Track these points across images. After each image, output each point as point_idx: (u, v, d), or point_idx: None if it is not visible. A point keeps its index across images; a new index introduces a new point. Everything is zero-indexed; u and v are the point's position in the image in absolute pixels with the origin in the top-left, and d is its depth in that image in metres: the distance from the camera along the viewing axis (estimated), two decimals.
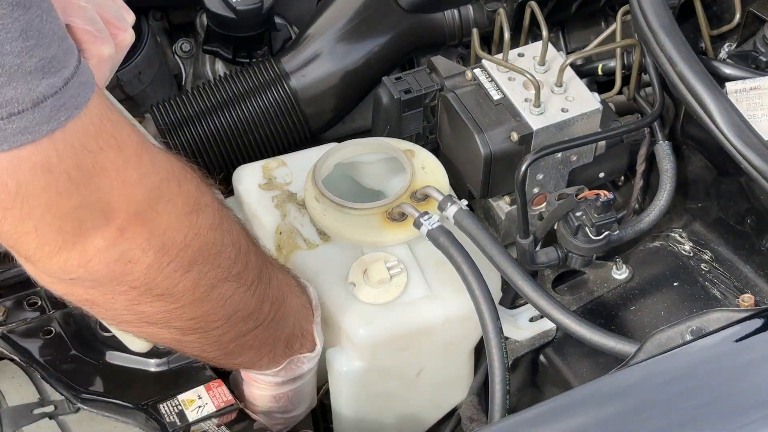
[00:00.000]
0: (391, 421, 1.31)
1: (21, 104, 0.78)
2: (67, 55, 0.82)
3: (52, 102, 0.80)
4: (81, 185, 0.84)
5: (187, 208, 0.94)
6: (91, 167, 0.84)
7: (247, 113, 1.46)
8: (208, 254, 0.97)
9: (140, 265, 0.91)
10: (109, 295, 0.93)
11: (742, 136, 1.14)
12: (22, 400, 1.22)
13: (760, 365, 0.92)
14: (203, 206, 0.97)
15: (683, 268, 1.33)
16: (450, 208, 1.20)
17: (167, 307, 0.97)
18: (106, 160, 0.85)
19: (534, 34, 1.45)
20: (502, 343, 1.12)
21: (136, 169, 0.88)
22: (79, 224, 0.86)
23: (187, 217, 0.94)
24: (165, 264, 0.93)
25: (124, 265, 0.90)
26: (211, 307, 1.01)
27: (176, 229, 0.93)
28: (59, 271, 0.89)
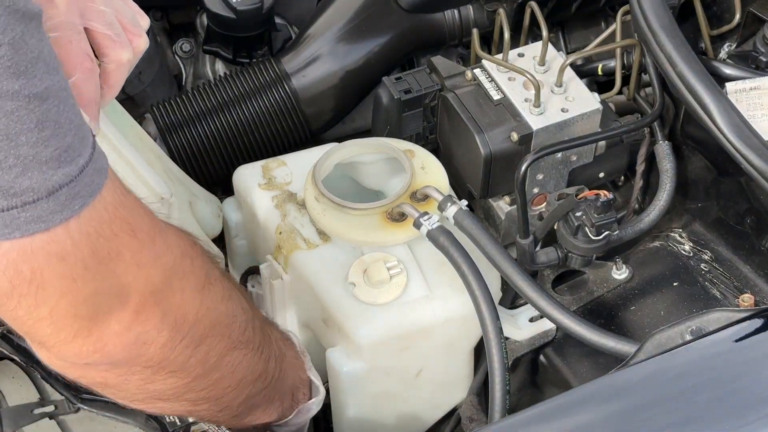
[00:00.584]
0: (391, 420, 1.30)
1: (36, 193, 0.79)
2: (83, 143, 0.82)
3: (67, 191, 0.80)
4: (97, 272, 0.84)
5: (200, 284, 0.95)
6: (107, 254, 0.84)
7: (247, 113, 1.46)
8: (219, 326, 0.98)
9: (155, 345, 0.91)
10: (123, 376, 0.93)
11: (742, 136, 1.14)
12: (22, 400, 1.22)
13: (760, 365, 0.92)
14: (213, 280, 0.97)
15: (683, 268, 1.33)
16: (450, 208, 1.20)
17: (179, 382, 0.97)
18: (120, 245, 0.85)
19: (534, 34, 1.45)
20: (502, 343, 1.12)
21: (151, 251, 0.88)
22: (95, 310, 0.85)
23: (199, 292, 0.95)
24: (178, 341, 0.93)
25: (140, 346, 0.90)
26: (222, 376, 1.01)
27: (189, 305, 0.93)
28: (74, 357, 0.88)
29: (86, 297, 0.84)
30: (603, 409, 0.90)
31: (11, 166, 0.77)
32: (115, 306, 0.87)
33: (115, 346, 0.88)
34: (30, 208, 0.79)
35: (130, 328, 0.88)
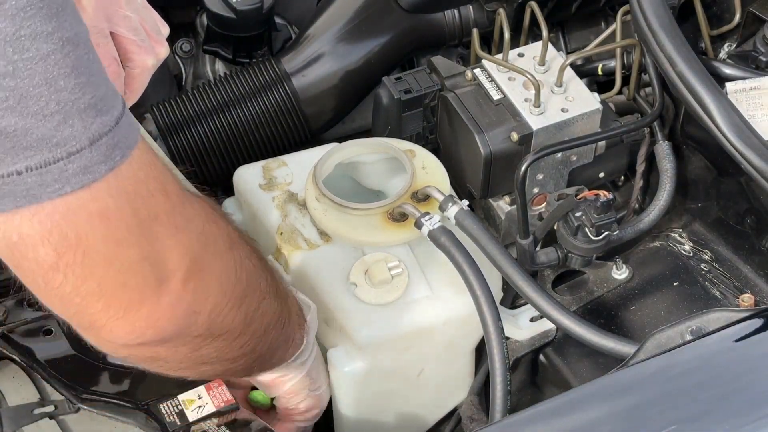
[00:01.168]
0: (392, 421, 1.30)
1: (79, 142, 0.76)
2: (115, 96, 0.80)
3: (107, 140, 0.78)
4: (139, 234, 0.81)
5: (229, 244, 0.93)
6: (146, 215, 0.82)
7: (247, 114, 1.46)
8: (252, 282, 0.97)
9: (204, 313, 0.89)
10: (173, 348, 0.91)
11: (742, 136, 1.14)
12: (22, 400, 1.22)
13: (761, 365, 0.92)
14: (236, 239, 0.96)
15: (683, 268, 1.33)
16: (451, 208, 1.20)
17: (223, 343, 0.96)
18: (157, 206, 0.83)
19: (534, 34, 1.45)
20: (503, 344, 1.12)
21: (182, 214, 0.86)
22: (143, 279, 0.83)
23: (230, 253, 0.93)
24: (224, 305, 0.92)
25: (191, 316, 0.88)
26: (255, 328, 1.00)
27: (227, 268, 0.92)
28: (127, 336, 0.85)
29: (133, 263, 0.81)
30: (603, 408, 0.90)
31: (53, 113, 0.74)
32: (163, 275, 0.84)
33: (169, 320, 0.86)
34: (76, 159, 0.76)
35: (181, 298, 0.86)
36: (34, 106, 0.74)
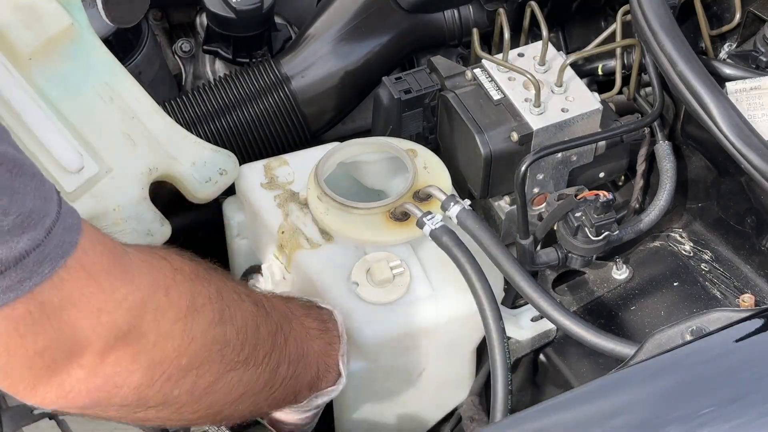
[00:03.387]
0: (393, 420, 1.30)
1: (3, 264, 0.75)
2: (47, 204, 0.79)
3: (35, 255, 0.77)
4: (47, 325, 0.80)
5: (180, 315, 0.90)
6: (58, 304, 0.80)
7: (247, 114, 1.46)
8: (207, 354, 0.94)
9: (127, 387, 0.87)
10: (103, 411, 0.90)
11: (742, 136, 1.14)
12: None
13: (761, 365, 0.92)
14: (199, 306, 0.93)
15: (683, 268, 1.33)
16: (453, 207, 1.20)
17: (164, 412, 0.93)
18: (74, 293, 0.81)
19: (534, 34, 1.45)
20: (505, 344, 1.12)
21: (112, 293, 0.84)
22: (51, 361, 0.82)
23: (180, 323, 0.90)
24: (156, 378, 0.89)
25: (110, 390, 0.86)
26: (216, 398, 0.97)
27: (167, 340, 0.89)
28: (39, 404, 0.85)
29: (37, 351, 0.80)
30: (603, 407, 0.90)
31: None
32: (75, 354, 0.83)
33: (80, 392, 0.85)
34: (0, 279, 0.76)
35: (96, 373, 0.84)
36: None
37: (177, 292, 0.91)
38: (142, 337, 0.87)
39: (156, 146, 1.28)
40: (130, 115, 1.28)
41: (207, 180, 1.29)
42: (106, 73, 1.28)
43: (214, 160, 1.30)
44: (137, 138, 1.28)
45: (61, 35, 1.24)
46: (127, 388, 0.87)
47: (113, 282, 0.84)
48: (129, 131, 1.28)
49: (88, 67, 1.27)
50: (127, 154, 1.26)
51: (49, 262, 0.78)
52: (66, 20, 1.24)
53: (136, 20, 1.39)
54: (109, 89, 1.28)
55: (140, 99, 1.30)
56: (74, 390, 0.84)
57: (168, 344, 0.89)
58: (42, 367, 0.82)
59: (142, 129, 1.28)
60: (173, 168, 1.28)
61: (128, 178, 1.25)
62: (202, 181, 1.29)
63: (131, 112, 1.28)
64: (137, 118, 1.28)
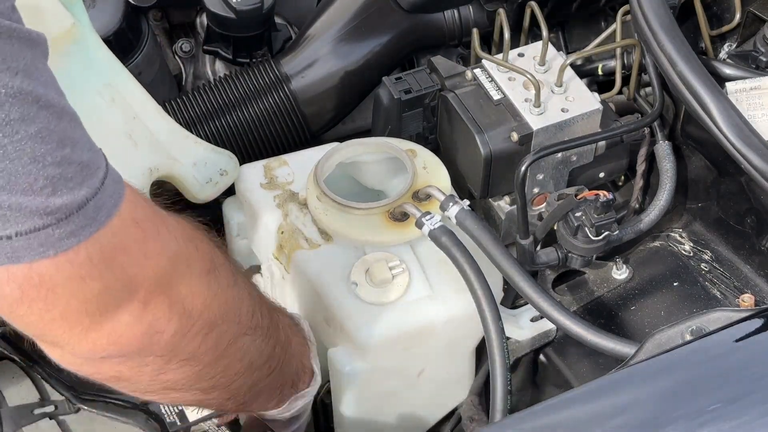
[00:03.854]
0: (392, 420, 1.30)
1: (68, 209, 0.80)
2: (98, 156, 0.84)
3: (93, 203, 0.82)
4: (104, 268, 0.84)
5: (205, 270, 0.95)
6: (113, 249, 0.85)
7: (247, 114, 1.46)
8: (227, 312, 0.98)
9: (166, 333, 0.91)
10: (137, 367, 0.93)
11: (742, 136, 1.14)
12: (22, 400, 1.22)
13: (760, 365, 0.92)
14: (218, 265, 0.98)
15: (683, 268, 1.33)
16: (452, 208, 1.20)
17: (191, 370, 0.97)
18: (127, 239, 0.86)
19: (534, 34, 1.45)
20: (504, 344, 1.12)
21: (156, 240, 0.89)
22: (106, 304, 0.86)
23: (205, 278, 0.95)
24: (188, 328, 0.93)
25: (152, 335, 0.90)
26: (230, 362, 1.01)
27: (197, 292, 0.94)
28: (89, 352, 0.89)
29: (96, 294, 0.85)
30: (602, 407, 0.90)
31: (42, 188, 0.78)
32: (125, 298, 0.87)
33: (128, 337, 0.88)
34: (64, 224, 0.80)
35: (141, 318, 0.88)
36: (23, 184, 0.77)
37: (203, 248, 0.96)
38: (177, 285, 0.91)
39: (157, 146, 1.29)
40: (132, 115, 1.28)
41: (207, 180, 1.30)
42: (107, 74, 1.28)
43: (214, 161, 1.30)
44: (138, 138, 1.28)
45: (62, 36, 1.24)
46: (166, 335, 0.91)
47: (155, 230, 0.90)
48: (130, 131, 1.28)
49: (90, 67, 1.27)
50: (128, 155, 1.26)
51: (105, 209, 0.83)
52: (68, 21, 1.24)
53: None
54: (111, 89, 1.28)
55: (142, 99, 1.30)
56: (124, 335, 0.88)
57: (197, 296, 0.94)
58: (96, 311, 0.86)
59: (143, 129, 1.28)
60: (174, 168, 1.29)
61: (129, 178, 1.24)
62: (203, 181, 1.29)
63: (132, 113, 1.28)
64: (138, 118, 1.28)
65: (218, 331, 0.97)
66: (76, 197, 0.80)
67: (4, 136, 0.76)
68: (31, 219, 0.78)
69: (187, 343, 0.94)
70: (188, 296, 0.93)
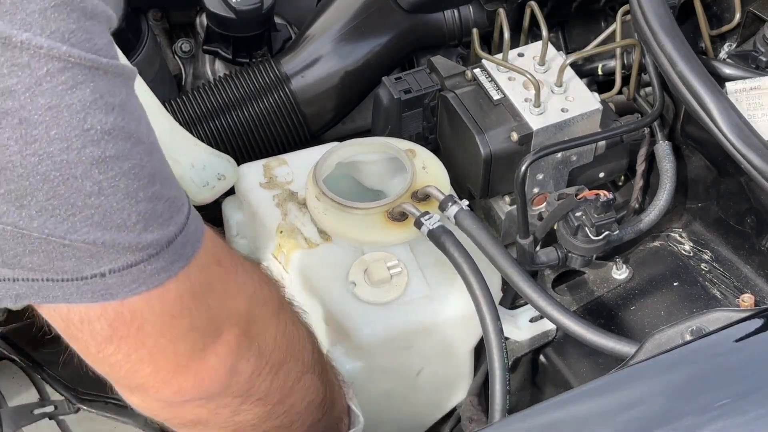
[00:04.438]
0: (391, 420, 1.30)
1: (158, 245, 0.80)
2: (182, 192, 0.85)
3: (181, 238, 0.82)
4: (193, 305, 0.85)
5: (276, 309, 0.96)
6: (201, 288, 0.85)
7: (247, 114, 1.46)
8: (294, 350, 0.99)
9: (244, 374, 0.92)
10: (215, 409, 0.93)
11: (742, 136, 1.14)
12: (22, 400, 1.22)
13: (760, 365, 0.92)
14: (284, 304, 0.99)
15: (683, 268, 1.33)
16: (451, 208, 1.20)
17: (262, 410, 0.97)
18: (211, 276, 0.87)
19: (534, 34, 1.45)
20: (503, 344, 1.12)
21: (235, 280, 0.90)
22: (193, 344, 0.86)
23: (276, 317, 0.96)
24: (263, 367, 0.94)
25: (233, 376, 0.91)
26: (295, 401, 1.01)
27: (270, 332, 0.94)
28: (173, 395, 0.89)
29: (184, 332, 0.85)
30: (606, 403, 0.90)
31: (135, 223, 0.78)
32: (210, 339, 0.88)
33: (212, 380, 0.89)
34: (155, 260, 0.80)
35: (225, 359, 0.89)
36: (117, 220, 0.78)
37: (272, 287, 0.98)
38: (254, 324, 0.92)
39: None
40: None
41: (205, 184, 1.29)
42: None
43: (213, 165, 1.30)
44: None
45: None
46: (244, 375, 0.92)
47: (234, 269, 0.91)
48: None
49: None
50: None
51: (191, 245, 0.84)
52: None
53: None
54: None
55: (144, 98, 1.29)
56: (207, 378, 0.88)
57: (270, 335, 0.94)
58: (183, 352, 0.86)
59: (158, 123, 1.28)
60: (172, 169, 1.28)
61: None
62: (200, 184, 1.29)
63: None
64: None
65: (287, 369, 0.97)
66: (166, 233, 0.81)
67: (100, 173, 0.76)
68: (124, 256, 0.79)
69: (261, 382, 0.94)
70: (263, 335, 0.93)
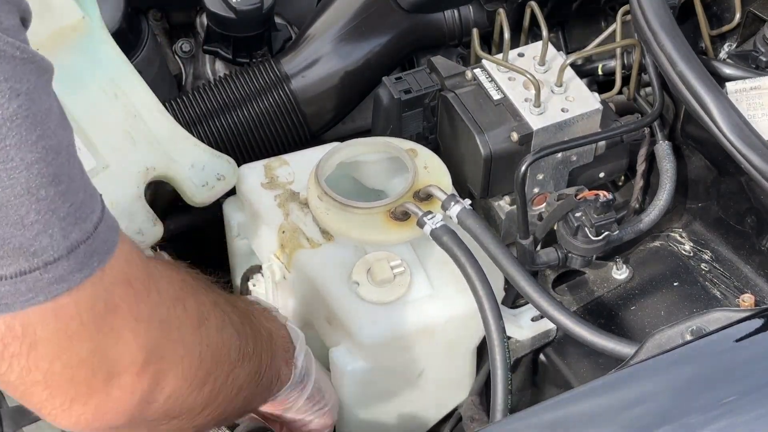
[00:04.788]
0: (393, 420, 1.30)
1: (57, 252, 0.76)
2: (93, 199, 0.80)
3: (85, 248, 0.77)
4: (93, 329, 0.79)
5: (196, 325, 0.91)
6: (104, 308, 0.80)
7: (247, 114, 1.46)
8: (219, 358, 0.94)
9: (159, 402, 0.86)
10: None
11: (742, 136, 1.14)
12: None
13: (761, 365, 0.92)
14: (207, 315, 0.93)
15: (683, 268, 1.33)
16: (453, 207, 1.20)
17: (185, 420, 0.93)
18: (118, 298, 0.81)
19: (534, 34, 1.45)
20: (505, 343, 1.12)
21: (146, 302, 0.84)
22: (93, 373, 0.80)
23: (195, 335, 0.91)
24: (185, 389, 0.89)
25: (144, 406, 0.85)
26: (224, 397, 0.97)
27: (190, 351, 0.89)
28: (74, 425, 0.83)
29: (83, 357, 0.79)
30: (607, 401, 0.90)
31: (32, 223, 0.74)
32: (116, 368, 0.81)
33: (117, 413, 0.83)
34: (52, 269, 0.75)
35: (133, 391, 0.83)
36: (14, 216, 0.73)
37: (190, 303, 0.91)
38: (171, 350, 0.86)
39: (156, 146, 1.28)
40: (133, 113, 1.28)
41: (204, 184, 1.29)
42: (112, 70, 1.28)
43: (212, 165, 1.30)
44: (138, 136, 1.27)
45: (70, 28, 1.23)
46: (159, 403, 0.86)
47: (146, 292, 0.84)
48: (130, 129, 1.27)
49: (96, 61, 1.26)
50: (125, 152, 1.26)
51: (97, 256, 0.78)
52: (77, 14, 1.23)
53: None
54: (114, 86, 1.28)
55: (144, 98, 1.30)
56: (111, 410, 0.83)
57: (191, 355, 0.89)
58: (83, 381, 0.80)
59: (144, 128, 1.28)
60: (171, 169, 1.28)
61: (124, 175, 1.24)
62: (199, 184, 1.28)
63: (134, 111, 1.28)
64: (140, 116, 1.28)
65: (213, 379, 0.93)
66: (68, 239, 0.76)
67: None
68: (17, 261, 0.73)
69: (182, 402, 0.89)
70: (184, 357, 0.88)
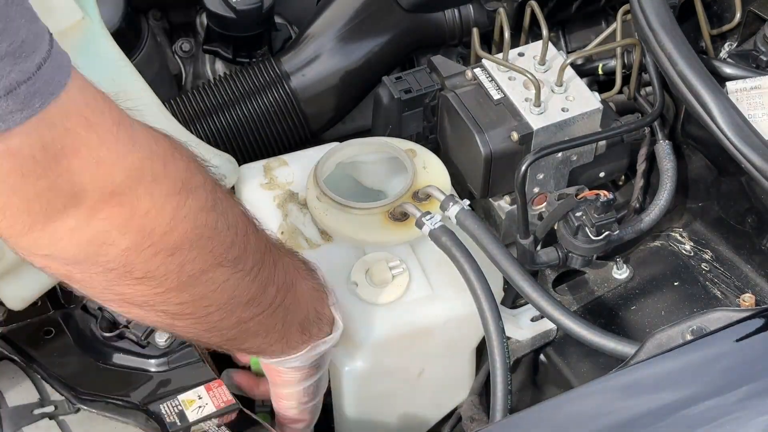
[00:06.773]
0: (393, 420, 1.31)
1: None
2: (38, 39, 0.79)
3: (25, 88, 0.77)
4: (48, 168, 0.81)
5: (174, 189, 0.91)
6: (60, 149, 0.82)
7: (247, 114, 1.46)
8: (197, 238, 0.93)
9: (117, 247, 0.88)
10: (86, 273, 0.90)
11: (742, 136, 1.14)
12: (22, 400, 1.22)
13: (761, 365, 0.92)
14: (193, 187, 0.93)
15: (684, 268, 1.33)
16: (452, 207, 1.20)
17: (150, 290, 0.93)
18: (77, 141, 0.82)
19: (534, 34, 1.45)
20: (504, 343, 1.12)
21: (112, 148, 0.85)
22: (48, 206, 0.83)
23: (173, 198, 0.90)
24: (145, 247, 0.89)
25: (99, 246, 0.87)
26: (201, 292, 0.97)
27: (160, 211, 0.89)
28: (30, 248, 0.87)
29: (38, 193, 0.82)
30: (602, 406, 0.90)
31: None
32: (71, 202, 0.84)
33: (70, 243, 0.86)
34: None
35: (87, 225, 0.85)
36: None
37: (174, 167, 0.92)
38: (136, 201, 0.87)
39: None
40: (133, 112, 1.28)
41: None
42: (113, 69, 1.28)
43: (213, 163, 1.30)
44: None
45: (71, 29, 1.23)
46: (116, 248, 0.88)
47: (115, 138, 0.86)
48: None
49: (96, 61, 1.26)
50: None
51: (40, 97, 0.79)
52: (77, 14, 1.23)
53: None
54: (115, 86, 1.27)
55: (145, 98, 1.30)
56: (64, 239, 0.85)
57: (160, 216, 0.90)
58: (38, 211, 0.83)
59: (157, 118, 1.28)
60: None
61: None
62: None
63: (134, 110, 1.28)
64: (140, 116, 1.28)
65: (183, 255, 0.92)
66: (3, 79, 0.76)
67: None
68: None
69: (143, 261, 0.90)
70: (149, 213, 0.88)
